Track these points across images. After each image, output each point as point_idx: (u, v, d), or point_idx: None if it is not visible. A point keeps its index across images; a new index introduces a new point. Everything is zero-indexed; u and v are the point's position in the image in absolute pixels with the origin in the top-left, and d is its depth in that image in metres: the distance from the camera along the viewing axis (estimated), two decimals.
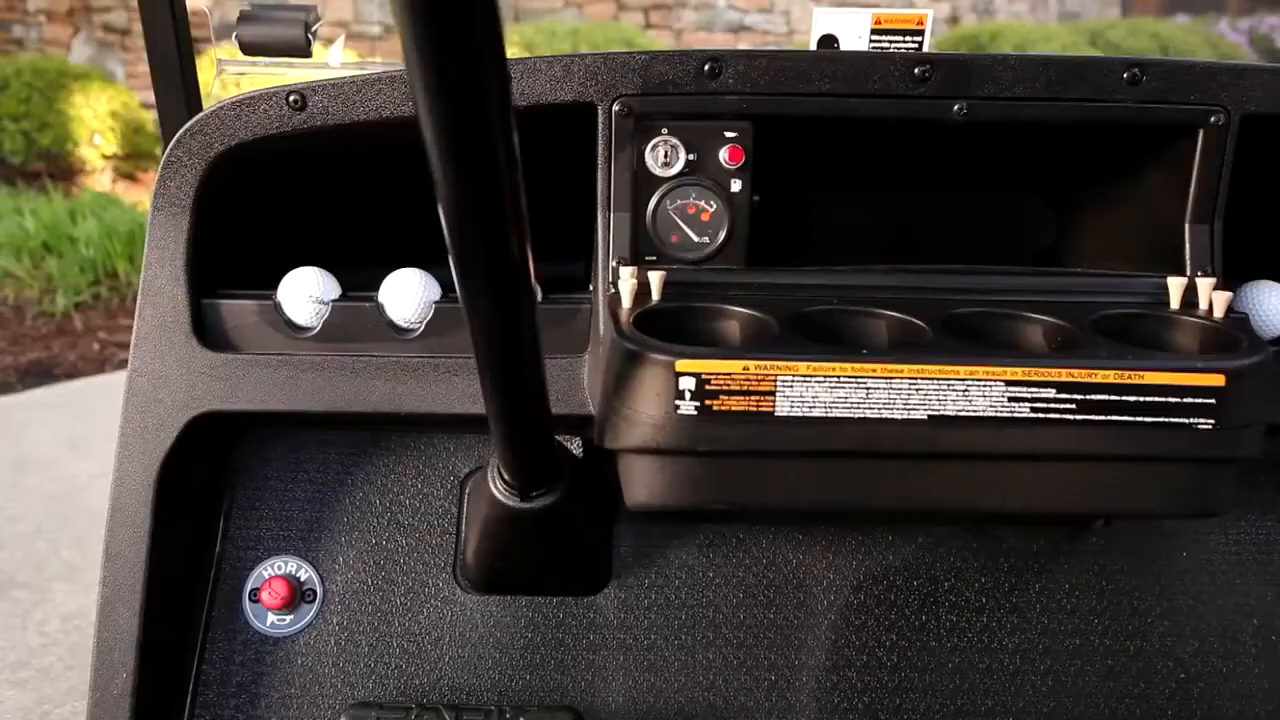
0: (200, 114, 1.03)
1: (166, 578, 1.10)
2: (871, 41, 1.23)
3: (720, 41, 7.76)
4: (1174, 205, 1.07)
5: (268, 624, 1.15)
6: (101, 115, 5.90)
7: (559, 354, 1.09)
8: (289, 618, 1.16)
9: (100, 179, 5.95)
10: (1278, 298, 1.10)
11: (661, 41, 7.50)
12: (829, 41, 1.25)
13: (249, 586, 1.16)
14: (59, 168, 5.81)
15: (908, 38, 1.23)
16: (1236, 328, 0.97)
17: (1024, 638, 1.17)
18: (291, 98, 1.03)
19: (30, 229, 4.50)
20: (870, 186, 1.27)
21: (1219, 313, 1.00)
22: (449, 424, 1.18)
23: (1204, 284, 1.02)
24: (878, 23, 1.24)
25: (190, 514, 1.15)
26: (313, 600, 1.16)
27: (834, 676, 1.15)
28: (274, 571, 1.17)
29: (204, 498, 1.17)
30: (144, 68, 1.29)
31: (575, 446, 1.18)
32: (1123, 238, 1.17)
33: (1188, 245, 1.06)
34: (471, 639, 1.15)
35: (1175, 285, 1.03)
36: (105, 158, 5.97)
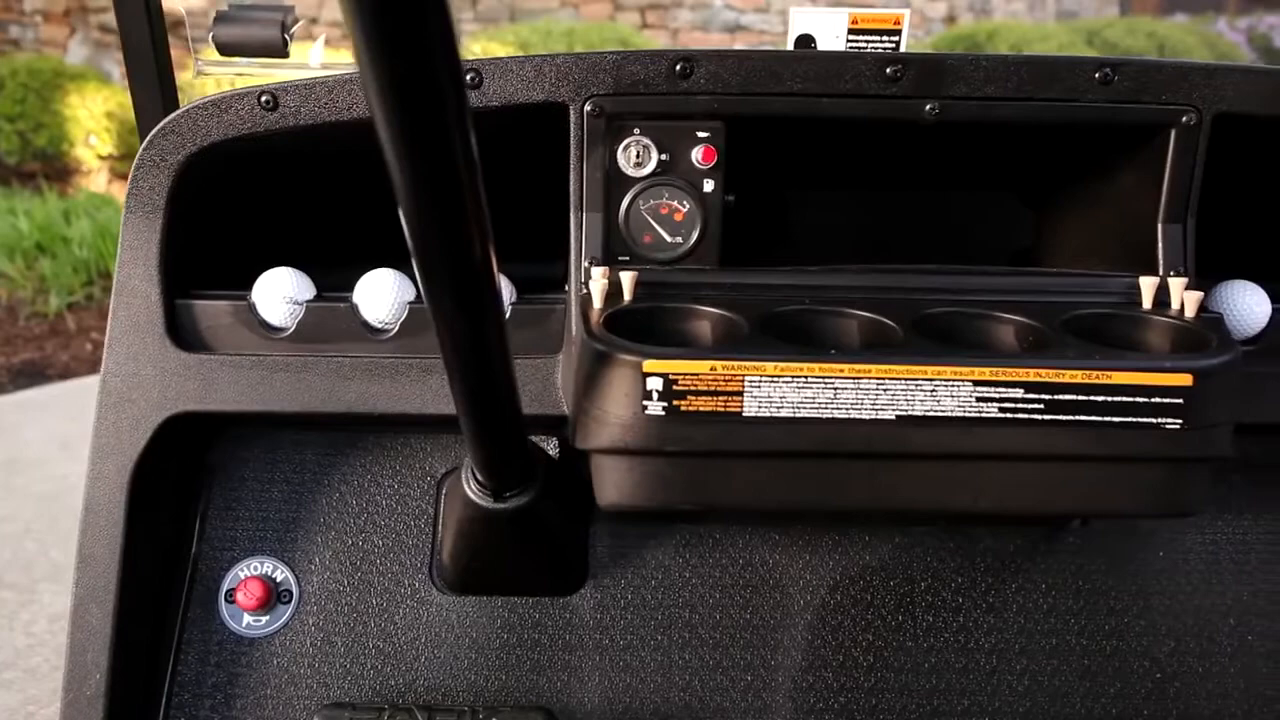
0: (172, 115, 1.03)
1: (141, 578, 1.10)
2: (849, 41, 1.23)
3: (716, 41, 7.76)
4: (1147, 205, 1.07)
5: (243, 625, 1.15)
6: (97, 115, 5.90)
7: (534, 354, 1.09)
8: (265, 618, 1.16)
9: (96, 179, 5.95)
10: (1252, 297, 1.10)
11: (657, 41, 7.50)
12: (806, 41, 1.25)
13: (225, 587, 1.16)
14: (54, 168, 5.81)
15: (885, 37, 1.23)
16: (1207, 327, 0.97)
17: (1001, 637, 1.17)
18: (263, 98, 1.03)
19: (24, 229, 4.51)
20: (848, 187, 1.27)
21: (1190, 312, 1.00)
22: (426, 424, 1.18)
23: (1176, 283, 1.02)
24: (854, 22, 1.23)
25: (165, 514, 1.15)
26: (289, 601, 1.16)
27: (810, 677, 1.15)
28: (250, 572, 1.17)
29: (180, 498, 1.17)
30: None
31: (552, 447, 1.19)
32: (1098, 237, 1.17)
33: (1160, 245, 1.06)
34: (447, 639, 1.15)
35: (1147, 285, 1.03)
36: (101, 158, 5.97)
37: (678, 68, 1.01)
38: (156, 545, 1.13)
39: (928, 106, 1.02)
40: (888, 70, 1.02)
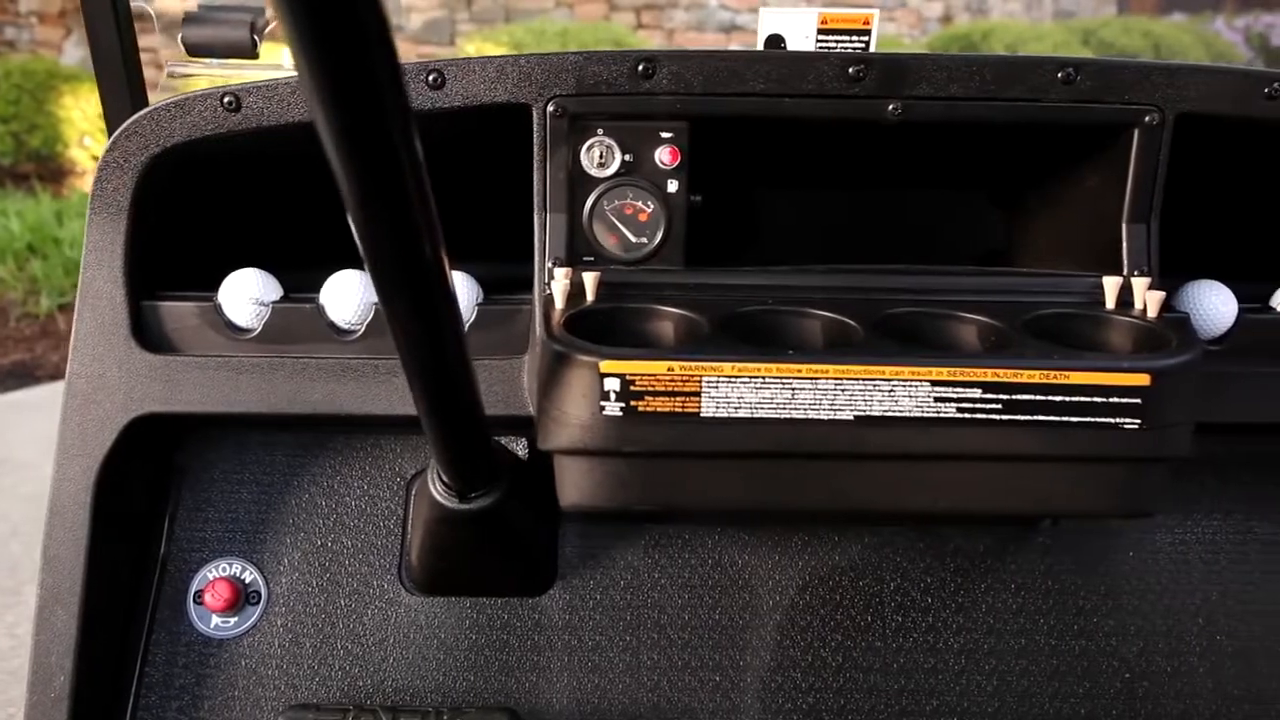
0: (134, 116, 1.03)
1: (107, 580, 1.10)
2: (819, 41, 1.23)
3: (711, 41, 7.76)
4: (1112, 205, 1.07)
5: (211, 626, 1.15)
6: (91, 117, 5.90)
7: (501, 355, 1.09)
8: (233, 620, 1.15)
9: (90, 181, 5.95)
10: (1218, 297, 1.10)
11: (652, 42, 7.50)
12: (776, 41, 1.25)
13: (193, 588, 1.16)
14: (48, 169, 5.81)
15: (854, 37, 1.23)
16: (1168, 327, 0.97)
17: (970, 638, 1.17)
18: (226, 99, 1.03)
19: (15, 230, 4.51)
20: (818, 187, 1.27)
21: (1153, 312, 1.00)
22: (395, 425, 1.18)
23: (1139, 283, 1.02)
24: (824, 22, 1.24)
25: (133, 516, 1.15)
26: (257, 602, 1.16)
27: (778, 677, 1.15)
28: (218, 573, 1.17)
29: (148, 499, 1.17)
30: (151, 71, 1.29)
31: (520, 447, 1.18)
32: (1066, 238, 1.17)
33: (1125, 244, 1.06)
34: (416, 640, 1.15)
35: (1110, 285, 1.03)
36: (95, 159, 5.97)
37: (640, 68, 1.01)
38: (124, 547, 1.13)
39: (890, 106, 1.02)
40: (850, 70, 1.02)
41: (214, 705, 1.12)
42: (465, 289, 1.11)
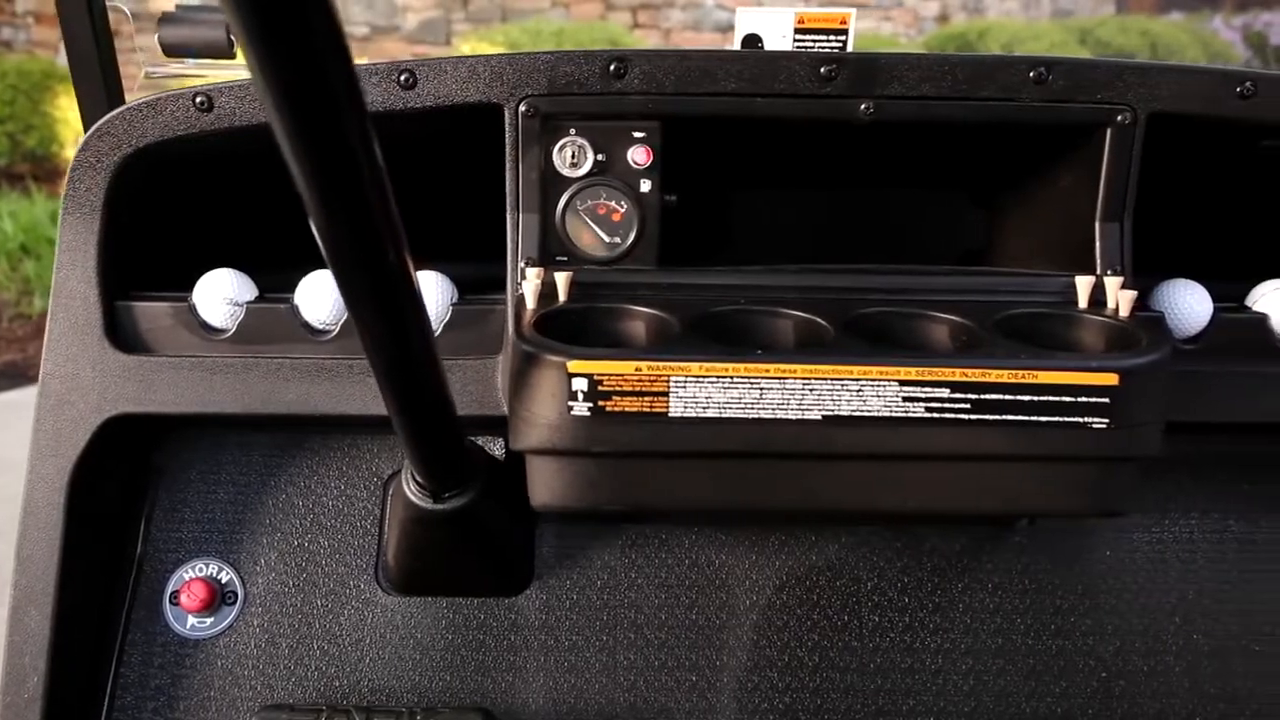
0: (106, 116, 1.03)
1: (81, 580, 1.10)
2: (795, 41, 1.23)
3: (707, 41, 7.76)
4: (1086, 204, 1.07)
5: (188, 626, 1.15)
6: None
7: (475, 355, 1.09)
8: (209, 620, 1.15)
9: None
10: (1193, 296, 1.10)
11: (648, 41, 7.50)
12: (753, 41, 1.25)
13: (169, 589, 1.16)
14: (44, 170, 5.80)
15: (831, 37, 1.23)
16: (1139, 326, 0.97)
17: (946, 637, 1.17)
18: (198, 99, 1.03)
19: (9, 231, 4.51)
20: (797, 186, 1.27)
21: (1125, 311, 1.00)
22: (372, 425, 1.18)
23: (1111, 282, 1.02)
24: (801, 22, 1.23)
25: (108, 516, 1.15)
26: (234, 602, 1.16)
27: (755, 677, 1.15)
28: (194, 574, 1.17)
29: (124, 500, 1.17)
30: (134, 69, 1.29)
31: (497, 447, 1.18)
32: (1042, 237, 1.17)
33: (1098, 244, 1.06)
34: (392, 640, 1.15)
35: (1083, 284, 1.03)
36: None
37: (611, 68, 1.01)
38: (99, 547, 1.13)
39: (862, 106, 1.02)
40: (822, 70, 1.02)
41: (190, 706, 1.12)
42: (440, 289, 1.11)
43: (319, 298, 1.10)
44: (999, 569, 1.19)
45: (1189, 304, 1.09)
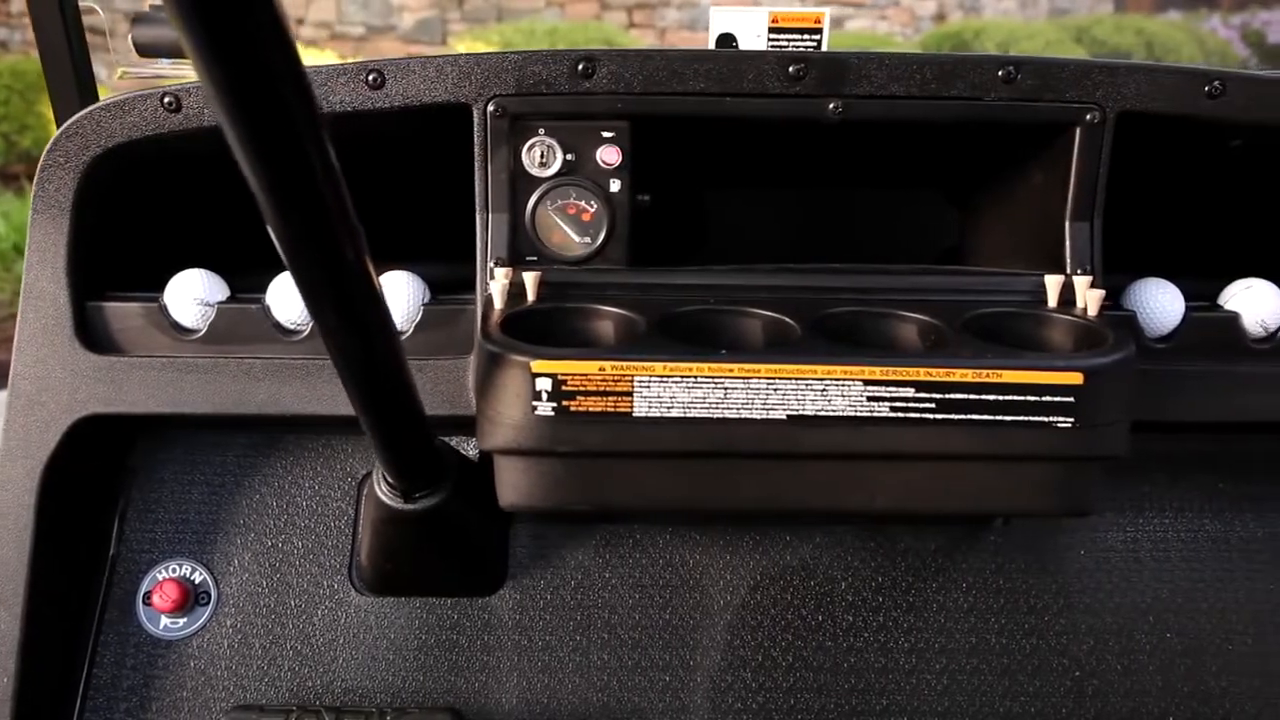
0: (74, 117, 1.03)
1: (53, 581, 1.10)
2: (770, 40, 1.23)
3: (703, 41, 7.75)
4: (1057, 203, 1.07)
5: (160, 627, 1.15)
6: None
7: (447, 355, 1.09)
8: (182, 620, 1.15)
9: None
10: (1165, 295, 1.10)
11: (644, 40, 7.49)
12: (727, 40, 1.25)
13: (143, 589, 1.16)
14: None
15: (806, 36, 1.23)
16: (1107, 325, 0.97)
17: (920, 637, 1.17)
18: (166, 99, 1.03)
19: (2, 231, 4.51)
20: (771, 186, 1.27)
21: (1093, 310, 1.00)
22: (345, 425, 1.18)
23: (1080, 282, 1.02)
24: (775, 21, 1.23)
25: (81, 516, 1.15)
26: (207, 603, 1.16)
27: (729, 676, 1.15)
28: (168, 574, 1.16)
29: (98, 500, 1.17)
30: (128, 70, 1.29)
31: (470, 447, 1.18)
32: (1016, 236, 1.17)
33: (1067, 243, 1.06)
34: (365, 641, 1.15)
35: (1053, 283, 1.03)
36: None
37: (580, 67, 1.01)
38: (71, 547, 1.13)
39: (831, 105, 1.02)
40: (791, 69, 1.02)
41: (162, 706, 1.12)
42: (412, 289, 1.11)
43: (291, 298, 1.10)
44: (973, 569, 1.19)
45: (1161, 303, 1.09)
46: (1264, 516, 1.21)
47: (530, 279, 1.01)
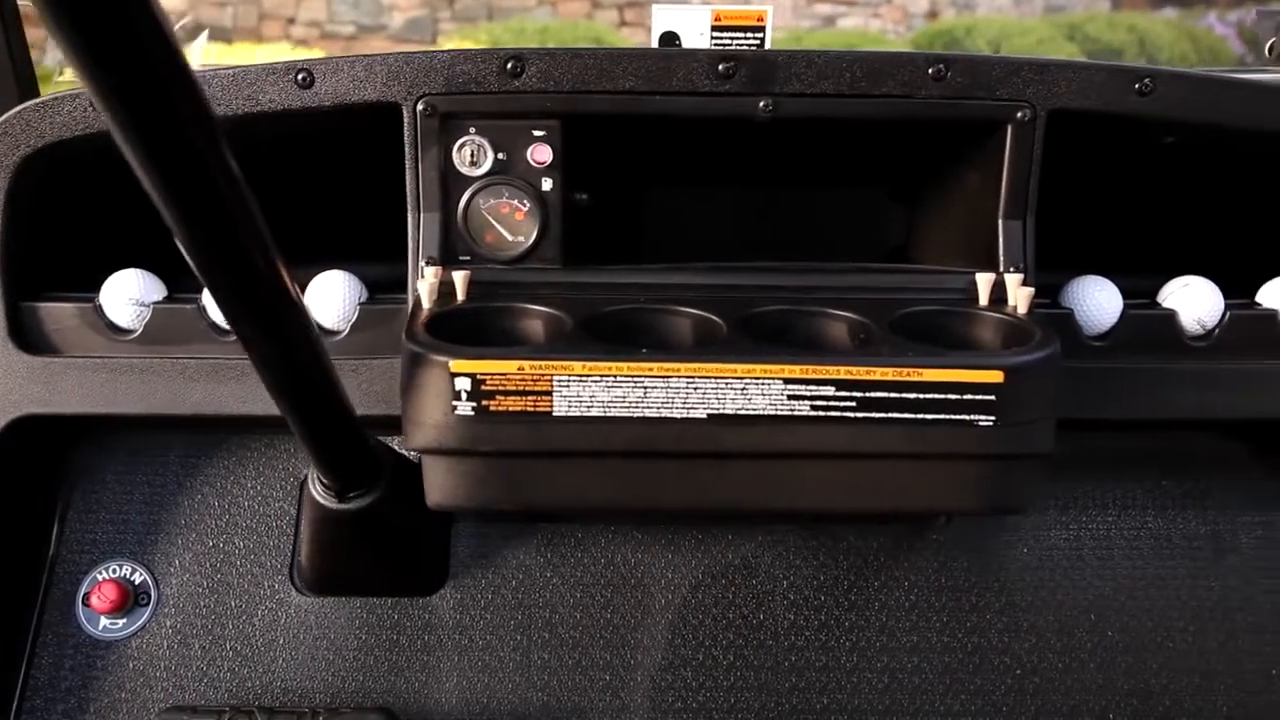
0: (3, 116, 1.03)
1: None
2: (713, 38, 1.23)
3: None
4: (993, 202, 1.07)
5: (99, 628, 1.15)
6: None
7: (382, 355, 1.09)
8: (121, 621, 1.15)
9: None
10: (1102, 293, 1.10)
11: (634, 40, 7.47)
12: (670, 39, 1.24)
13: (82, 590, 1.16)
14: None
15: (749, 34, 1.23)
16: (1034, 323, 0.96)
17: (862, 635, 1.17)
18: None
19: None
20: (711, 185, 1.26)
21: (1023, 309, 0.99)
22: (284, 425, 1.17)
23: (1011, 280, 1.01)
24: (718, 19, 1.23)
25: (19, 518, 1.14)
26: (147, 604, 1.16)
27: (669, 676, 1.15)
28: (108, 575, 1.16)
29: (36, 501, 1.17)
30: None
31: None
32: (954, 235, 1.16)
33: (1000, 241, 1.05)
34: (305, 641, 1.15)
35: (984, 281, 1.03)
36: None
37: (508, 66, 1.01)
38: (10, 548, 1.13)
39: (761, 104, 1.02)
40: (720, 68, 1.01)
41: (100, 707, 1.12)
42: (348, 289, 1.11)
43: None
44: (915, 568, 1.19)
45: (1098, 301, 1.09)
46: (1206, 513, 1.21)
47: (460, 278, 1.01)
